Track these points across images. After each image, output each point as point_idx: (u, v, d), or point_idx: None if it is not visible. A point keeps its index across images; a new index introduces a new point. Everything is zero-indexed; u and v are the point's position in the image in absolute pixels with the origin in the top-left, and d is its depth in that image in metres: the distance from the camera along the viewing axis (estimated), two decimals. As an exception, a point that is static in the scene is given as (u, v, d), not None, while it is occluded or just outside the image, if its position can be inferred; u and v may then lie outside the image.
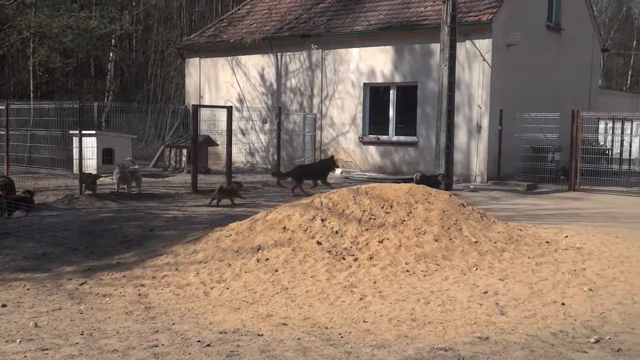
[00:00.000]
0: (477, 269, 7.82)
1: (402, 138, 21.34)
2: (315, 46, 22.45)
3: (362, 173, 21.07)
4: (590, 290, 7.20)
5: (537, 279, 7.54)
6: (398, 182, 12.37)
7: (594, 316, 6.35)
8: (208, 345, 5.29)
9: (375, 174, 20.81)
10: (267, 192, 16.13)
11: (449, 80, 17.15)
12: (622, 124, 26.43)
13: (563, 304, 6.71)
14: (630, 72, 71.07)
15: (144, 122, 26.28)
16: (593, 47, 25.51)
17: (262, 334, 5.60)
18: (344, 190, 9.15)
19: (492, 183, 19.33)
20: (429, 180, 15.50)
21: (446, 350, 5.31)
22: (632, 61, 71.23)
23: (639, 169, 27.04)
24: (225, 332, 5.62)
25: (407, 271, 7.63)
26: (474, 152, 19.66)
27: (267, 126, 23.19)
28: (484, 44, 19.18)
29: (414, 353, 5.24)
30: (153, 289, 7.01)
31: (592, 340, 5.63)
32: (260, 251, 7.91)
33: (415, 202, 8.97)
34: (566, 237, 10.07)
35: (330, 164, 17.86)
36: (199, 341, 5.37)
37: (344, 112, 22.11)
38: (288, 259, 7.70)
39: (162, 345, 5.29)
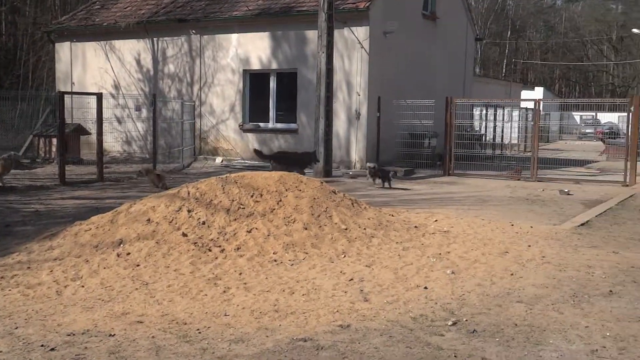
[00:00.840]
0: (345, 256, 7.82)
1: (282, 125, 21.28)
2: (194, 32, 21.94)
3: (243, 161, 20.83)
4: (453, 273, 7.35)
5: (403, 264, 7.63)
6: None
7: (454, 299, 6.47)
8: (52, 349, 4.94)
9: (256, 162, 20.63)
10: (142, 182, 15.59)
11: (326, 67, 17.20)
12: (495, 110, 27.57)
13: (426, 287, 6.81)
14: (505, 61, 74.40)
15: (15, 110, 24.90)
16: (467, 36, 26.39)
17: (114, 334, 5.30)
18: (212, 180, 8.91)
19: (371, 169, 19.61)
20: (383, 172, 15.67)
21: (305, 341, 5.23)
22: (507, 50, 74.53)
23: (511, 153, 28.38)
24: (74, 334, 5.28)
25: (275, 261, 7.52)
26: (354, 139, 19.87)
27: (144, 114, 22.48)
28: (362, 32, 19.37)
29: (273, 346, 5.13)
30: (0, 290, 6.53)
31: (450, 322, 5.72)
32: (121, 245, 7.55)
33: (286, 190, 8.87)
34: (435, 221, 10.31)
35: (312, 157, 17.28)
36: (42, 345, 5.01)
37: (223, 99, 21.77)
38: (151, 253, 7.39)
39: (0, 352, 4.90)
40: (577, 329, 5.63)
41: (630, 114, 17.23)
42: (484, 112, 26.50)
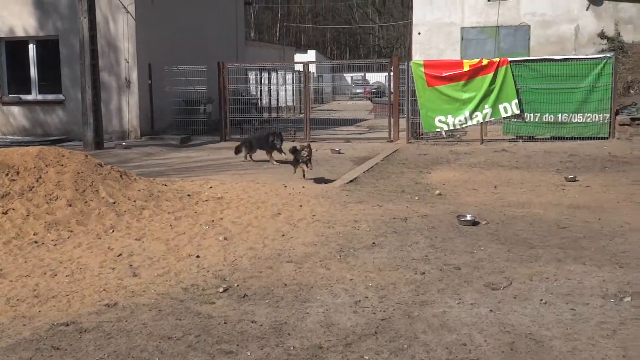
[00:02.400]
0: (113, 231, 7.53)
1: (47, 97, 19.89)
2: None
3: (4, 137, 19.22)
4: (225, 239, 7.40)
5: (175, 234, 7.52)
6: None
7: (226, 265, 6.52)
8: None
9: (21, 137, 19.16)
10: None
11: (90, 34, 16.32)
12: (269, 74, 28.00)
13: (198, 256, 6.78)
14: (278, 25, 75.78)
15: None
16: (237, 0, 26.40)
17: None
18: (-42, 159, 8.11)
19: (146, 139, 19.11)
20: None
21: (67, 325, 4.96)
22: (279, 14, 75.94)
23: (287, 116, 29.11)
24: None
25: (36, 242, 7.05)
26: (126, 108, 19.18)
27: None
28: (126, -4, 18.59)
29: (30, 334, 4.80)
30: None
31: (221, 289, 5.75)
32: None
33: (46, 165, 8.31)
34: (210, 187, 10.28)
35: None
36: None
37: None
38: None
39: None
40: (342, 282, 5.94)
41: (391, 73, 18.39)
42: (259, 76, 26.81)
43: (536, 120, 16.90)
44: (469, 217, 8.14)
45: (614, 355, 4.27)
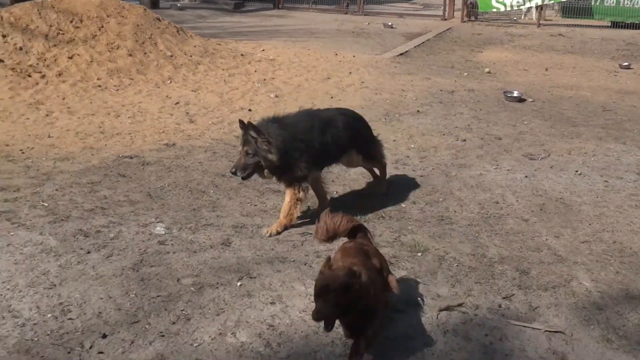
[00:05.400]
0: (171, 82, 7.88)
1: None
2: None
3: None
4: (276, 97, 7.70)
5: (229, 89, 7.84)
6: None
7: (276, 119, 6.83)
8: None
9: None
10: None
11: None
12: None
13: (250, 110, 7.11)
14: None
15: None
16: None
17: None
18: (26, 4, 8.40)
19: (200, 1, 19.12)
20: None
21: (131, 158, 5.41)
22: None
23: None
24: None
25: (99, 86, 7.44)
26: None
27: None
28: None
29: (98, 162, 5.26)
30: None
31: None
32: None
33: (108, 16, 8.58)
34: (263, 50, 10.48)
35: None
36: None
37: None
38: (-36, 79, 7.04)
39: None
40: (386, 142, 6.14)
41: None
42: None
43: (597, 3, 16.41)
44: (515, 94, 8.25)
45: (638, 222, 4.52)
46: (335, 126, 4.43)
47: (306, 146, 4.17)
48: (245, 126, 3.98)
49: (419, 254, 3.85)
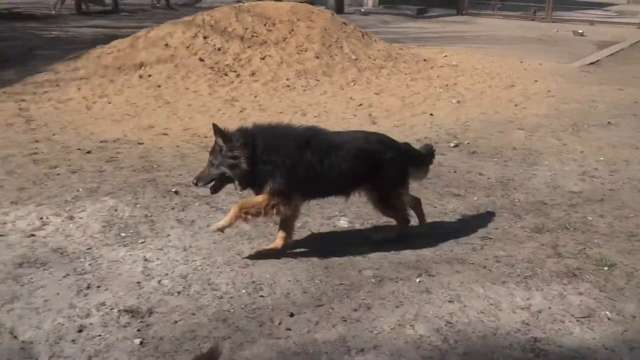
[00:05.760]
0: (354, 84, 8.14)
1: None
2: None
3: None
4: (458, 102, 7.70)
5: (411, 93, 7.96)
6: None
7: (458, 124, 6.85)
8: (88, 152, 5.42)
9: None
10: (156, 14, 15.59)
11: None
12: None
13: (431, 114, 7.17)
14: None
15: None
16: None
17: (143, 143, 5.76)
18: (225, 8, 9.05)
19: (383, 7, 19.45)
20: None
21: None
22: None
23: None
24: (106, 141, 5.74)
25: (288, 86, 7.85)
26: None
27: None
28: None
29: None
30: (34, 103, 6.92)
31: (452, 144, 6.13)
32: (142, 67, 7.86)
33: (298, 20, 9.01)
34: (445, 56, 10.51)
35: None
36: (79, 149, 5.48)
37: None
38: (171, 75, 7.72)
39: (42, 152, 5.37)
40: (572, 153, 6.03)
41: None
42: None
43: None
44: None
45: None
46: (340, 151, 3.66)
47: (283, 164, 3.49)
48: (214, 131, 3.55)
49: (605, 268, 3.73)
